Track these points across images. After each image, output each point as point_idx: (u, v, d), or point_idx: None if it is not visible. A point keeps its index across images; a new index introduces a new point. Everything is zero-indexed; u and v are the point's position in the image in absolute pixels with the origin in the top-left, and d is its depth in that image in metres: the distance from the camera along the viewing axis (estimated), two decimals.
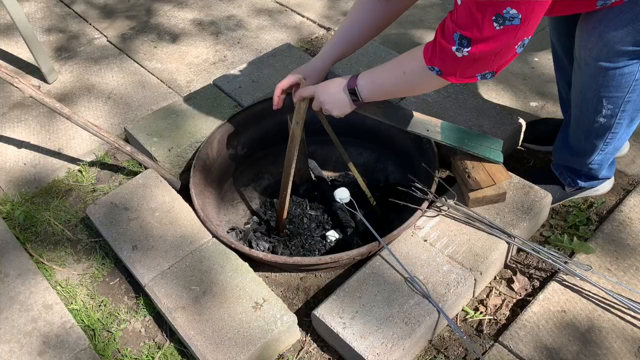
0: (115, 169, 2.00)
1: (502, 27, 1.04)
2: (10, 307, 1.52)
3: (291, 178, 1.60)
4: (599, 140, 1.49)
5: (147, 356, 1.47)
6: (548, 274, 1.55)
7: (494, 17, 1.03)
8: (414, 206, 1.54)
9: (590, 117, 1.44)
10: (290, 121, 1.53)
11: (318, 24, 2.63)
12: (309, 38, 2.55)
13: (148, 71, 2.40)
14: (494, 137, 1.57)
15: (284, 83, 1.48)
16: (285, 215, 1.71)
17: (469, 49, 1.09)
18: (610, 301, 1.40)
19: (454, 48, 1.11)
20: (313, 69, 1.51)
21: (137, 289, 1.60)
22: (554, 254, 1.47)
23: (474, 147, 1.53)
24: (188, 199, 1.67)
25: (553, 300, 1.42)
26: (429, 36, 2.50)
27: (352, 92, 1.36)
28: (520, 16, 1.03)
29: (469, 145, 1.53)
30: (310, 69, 1.51)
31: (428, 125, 1.51)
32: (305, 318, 1.50)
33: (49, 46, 2.56)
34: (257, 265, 1.58)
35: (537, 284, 1.53)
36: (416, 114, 1.51)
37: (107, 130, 2.09)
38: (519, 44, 1.11)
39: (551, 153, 1.75)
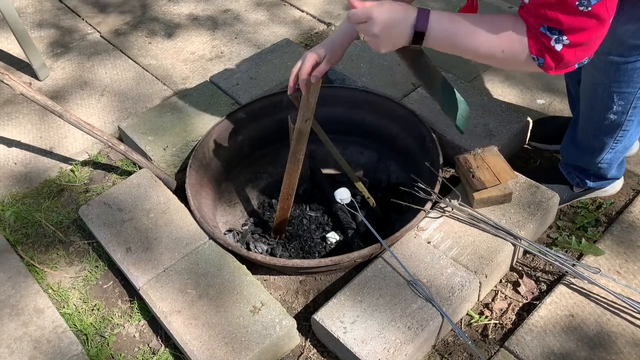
0: (109, 168, 2.00)
1: (589, 8, 0.98)
2: (0, 311, 1.52)
3: (296, 181, 1.59)
4: (609, 138, 1.49)
5: None
6: (555, 277, 1.55)
7: (577, 2, 0.98)
8: (417, 207, 1.54)
9: (601, 113, 1.44)
10: (291, 122, 1.52)
11: (318, 19, 2.63)
12: (309, 33, 2.55)
13: (143, 68, 2.41)
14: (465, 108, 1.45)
15: (307, 67, 1.37)
16: (286, 221, 1.71)
17: (565, 36, 1.03)
18: (620, 305, 1.40)
19: (551, 41, 1.05)
20: (331, 48, 1.41)
21: (132, 292, 1.61)
22: (561, 256, 1.47)
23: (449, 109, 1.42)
24: (184, 199, 1.67)
25: (560, 304, 1.42)
26: None
27: (418, 33, 1.14)
28: None
29: (446, 105, 1.42)
30: (327, 48, 1.41)
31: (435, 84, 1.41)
32: (305, 322, 1.50)
33: (41, 42, 2.56)
34: (255, 267, 1.58)
35: (544, 287, 1.53)
36: (436, 72, 1.38)
37: (101, 128, 2.08)
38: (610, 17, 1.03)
39: (559, 152, 1.75)
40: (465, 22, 1.13)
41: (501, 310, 1.49)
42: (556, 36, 1.03)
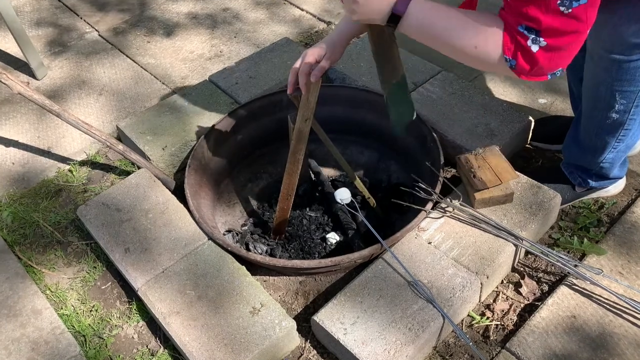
0: (107, 168, 2.00)
1: (569, 10, 0.98)
2: None
3: (296, 181, 1.59)
4: (611, 137, 1.49)
5: None
6: (557, 278, 1.55)
7: (559, 1, 0.98)
8: (418, 207, 1.54)
9: (603, 112, 1.44)
10: (291, 121, 1.52)
11: (318, 18, 2.63)
12: (309, 32, 2.55)
13: (141, 67, 2.40)
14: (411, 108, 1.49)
15: (307, 66, 1.37)
16: (286, 222, 1.71)
17: (542, 38, 1.02)
18: (622, 306, 1.39)
19: (528, 42, 1.03)
20: (331, 46, 1.42)
21: (130, 293, 1.60)
22: (563, 256, 1.47)
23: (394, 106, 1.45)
24: (183, 199, 1.67)
25: (562, 305, 1.42)
26: None
27: (395, 15, 1.12)
28: None
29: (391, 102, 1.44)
30: (328, 46, 1.41)
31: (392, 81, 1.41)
32: (305, 323, 1.50)
33: (38, 41, 2.56)
34: (255, 268, 1.58)
35: (545, 288, 1.53)
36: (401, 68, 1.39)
37: (99, 128, 2.08)
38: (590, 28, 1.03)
39: (560, 152, 1.75)
40: (446, 14, 1.11)
41: (503, 311, 1.49)
42: (533, 36, 1.03)
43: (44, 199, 1.89)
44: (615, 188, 1.71)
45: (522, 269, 1.58)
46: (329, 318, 1.37)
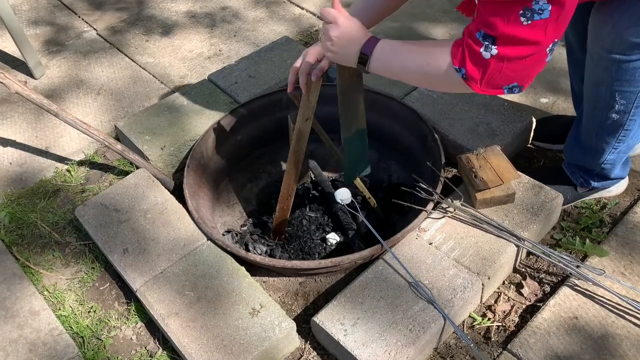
0: (106, 168, 2.00)
1: (529, 22, 1.01)
2: None
3: (296, 181, 1.59)
4: (611, 138, 1.49)
5: None
6: (559, 279, 1.55)
7: (521, 11, 1.01)
8: (419, 207, 1.54)
9: (603, 112, 1.44)
10: (291, 121, 1.52)
11: (318, 16, 2.63)
12: (309, 31, 2.55)
13: (140, 66, 2.40)
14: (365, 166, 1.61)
15: (308, 65, 1.39)
16: (286, 222, 1.71)
17: (496, 46, 1.06)
18: (625, 307, 1.40)
19: (481, 48, 1.07)
20: None
21: (129, 294, 1.60)
22: (565, 257, 1.47)
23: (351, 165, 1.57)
24: (182, 199, 1.67)
25: (564, 306, 1.42)
26: (433, 29, 2.50)
27: (363, 56, 1.23)
28: (549, 7, 1.00)
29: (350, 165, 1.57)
30: None
31: (350, 130, 1.50)
32: (305, 325, 1.50)
33: (36, 40, 2.56)
34: (254, 269, 1.58)
35: (547, 289, 1.53)
36: (362, 115, 1.47)
37: (97, 127, 2.08)
38: (550, 46, 1.07)
39: (562, 152, 1.75)
40: (407, 47, 1.22)
41: (504, 312, 1.49)
42: (487, 43, 1.06)
43: (42, 199, 1.89)
44: (618, 188, 1.71)
45: (523, 269, 1.58)
46: (329, 319, 1.37)
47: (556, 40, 1.07)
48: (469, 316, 1.49)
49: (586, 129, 1.55)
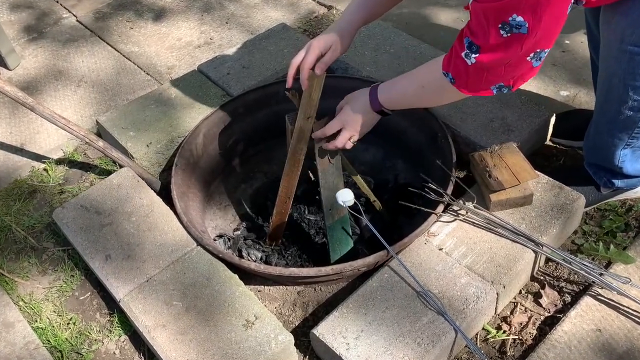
0: (86, 167, 2.00)
1: (508, 34, 1.13)
2: None
3: (296, 183, 1.59)
4: (624, 134, 1.49)
5: None
6: (581, 288, 1.55)
7: (500, 25, 1.12)
8: (428, 210, 1.54)
9: (616, 106, 1.44)
10: (289, 122, 1.52)
11: (318, 2, 2.63)
12: (308, 18, 2.55)
13: (123, 55, 2.41)
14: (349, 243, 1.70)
15: (310, 59, 1.40)
16: (284, 226, 1.71)
17: (477, 55, 1.19)
18: None
19: (463, 53, 1.21)
20: (339, 36, 1.43)
21: (111, 304, 1.61)
22: (587, 264, 1.47)
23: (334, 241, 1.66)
24: (169, 201, 1.67)
25: (587, 317, 1.42)
26: (443, 15, 2.50)
27: (379, 112, 1.49)
28: (526, 24, 1.10)
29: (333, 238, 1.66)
30: (334, 36, 1.43)
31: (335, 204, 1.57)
32: (304, 338, 1.50)
33: (10, 27, 2.56)
34: (249, 277, 1.59)
35: (568, 298, 1.53)
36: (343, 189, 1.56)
37: (77, 123, 2.08)
38: (532, 55, 1.18)
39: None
40: (400, 79, 1.43)
41: (521, 324, 1.49)
42: (468, 51, 1.20)
43: (17, 201, 1.89)
44: None
45: (542, 277, 1.58)
46: (330, 332, 1.37)
47: (539, 50, 1.18)
48: (483, 328, 1.49)
49: (596, 122, 1.55)
